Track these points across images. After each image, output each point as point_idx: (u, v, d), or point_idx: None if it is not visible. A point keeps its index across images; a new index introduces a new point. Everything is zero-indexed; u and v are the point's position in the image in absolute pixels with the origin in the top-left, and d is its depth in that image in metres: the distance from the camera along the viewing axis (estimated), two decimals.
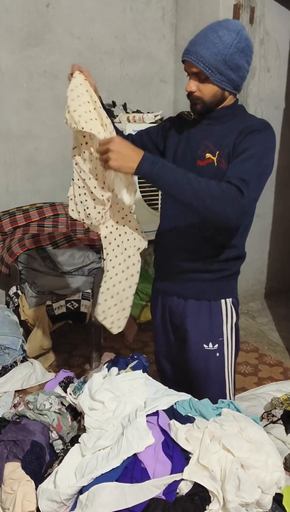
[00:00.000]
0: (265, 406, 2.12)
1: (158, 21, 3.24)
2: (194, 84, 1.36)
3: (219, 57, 1.30)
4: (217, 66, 1.31)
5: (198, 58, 1.31)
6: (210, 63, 1.31)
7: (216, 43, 1.29)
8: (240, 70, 1.35)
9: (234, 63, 1.32)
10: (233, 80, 1.36)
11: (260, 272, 3.72)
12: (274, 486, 1.12)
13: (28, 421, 1.44)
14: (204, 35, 1.31)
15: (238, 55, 1.32)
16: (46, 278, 2.48)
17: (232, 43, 1.30)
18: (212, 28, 1.32)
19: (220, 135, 1.41)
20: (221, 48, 1.29)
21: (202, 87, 1.36)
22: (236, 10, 2.88)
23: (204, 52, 1.30)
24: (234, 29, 1.31)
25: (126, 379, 1.48)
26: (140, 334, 3.02)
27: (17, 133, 2.94)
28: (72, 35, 2.95)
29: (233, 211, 1.25)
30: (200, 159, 1.43)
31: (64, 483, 1.19)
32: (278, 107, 3.34)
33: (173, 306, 1.61)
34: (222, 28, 1.30)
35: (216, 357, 1.56)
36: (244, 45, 1.32)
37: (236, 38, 1.30)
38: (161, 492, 1.10)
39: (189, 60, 1.33)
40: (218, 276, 1.53)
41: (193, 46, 1.33)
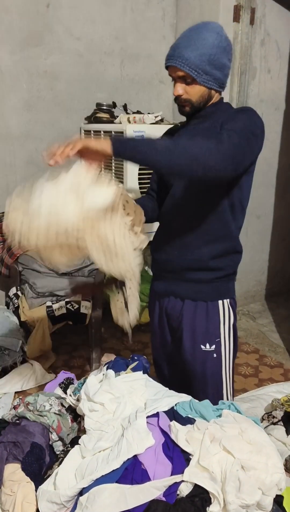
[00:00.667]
0: (265, 407, 2.12)
1: (158, 22, 3.24)
2: (181, 87, 1.38)
3: (204, 58, 1.32)
4: (203, 67, 1.33)
5: (183, 61, 1.33)
6: (196, 65, 1.33)
7: (199, 44, 1.31)
8: (224, 68, 1.38)
9: (218, 62, 1.35)
10: (219, 78, 1.38)
11: (261, 273, 3.71)
12: (274, 488, 1.11)
13: (28, 423, 1.43)
14: (187, 38, 1.33)
15: (221, 54, 1.34)
16: (46, 279, 2.48)
17: (215, 43, 1.32)
18: (193, 30, 1.34)
19: (207, 130, 1.43)
20: (205, 49, 1.31)
21: (189, 89, 1.38)
22: (237, 11, 2.88)
23: (189, 55, 1.32)
24: (214, 30, 1.33)
25: (126, 380, 1.48)
26: (140, 335, 3.02)
27: (17, 133, 2.94)
28: (72, 36, 2.95)
29: (223, 150, 1.21)
30: None
31: (64, 485, 1.18)
32: (278, 108, 3.34)
33: (170, 307, 1.61)
34: (203, 30, 1.33)
35: (213, 358, 1.56)
36: (225, 44, 1.35)
37: (217, 38, 1.33)
38: (162, 493, 1.09)
39: (174, 65, 1.34)
40: (216, 276, 1.53)
41: (176, 50, 1.34)
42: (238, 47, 2.94)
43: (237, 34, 2.92)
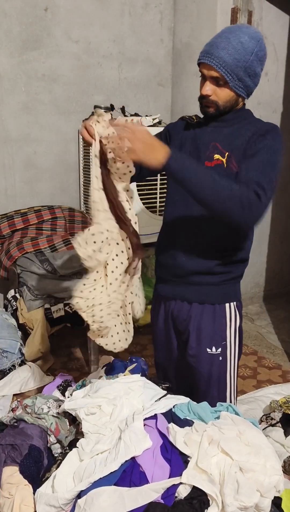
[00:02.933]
0: (264, 409, 2.12)
1: (156, 25, 3.25)
2: (211, 87, 1.36)
3: (241, 64, 1.30)
4: (238, 72, 1.32)
5: (220, 62, 1.30)
6: (231, 69, 1.31)
7: (238, 49, 1.29)
8: (256, 77, 1.37)
9: (252, 70, 1.33)
10: (249, 86, 1.37)
11: (259, 275, 3.72)
12: (273, 490, 1.11)
13: (26, 425, 1.43)
14: (226, 39, 1.30)
15: (257, 63, 1.33)
16: (44, 281, 2.48)
17: (253, 51, 1.30)
18: (233, 32, 1.31)
19: (229, 136, 1.42)
20: (244, 55, 1.30)
21: (219, 91, 1.36)
22: (234, 14, 2.89)
23: (227, 57, 1.29)
24: (255, 37, 1.31)
25: (124, 381, 1.48)
26: (138, 337, 3.02)
27: (15, 136, 2.95)
28: (70, 39, 2.96)
29: (251, 214, 1.28)
30: (208, 160, 1.43)
31: (62, 488, 1.18)
32: (276, 110, 3.36)
33: (176, 310, 1.59)
34: (244, 34, 1.30)
35: (219, 361, 1.56)
36: (263, 53, 1.34)
37: (257, 46, 1.31)
38: (160, 496, 1.09)
39: (210, 64, 1.32)
40: (223, 279, 1.53)
41: (214, 49, 1.31)
42: None
43: None
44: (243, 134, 1.40)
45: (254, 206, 1.26)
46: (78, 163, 3.17)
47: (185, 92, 3.30)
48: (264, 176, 1.29)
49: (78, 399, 1.44)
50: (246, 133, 1.40)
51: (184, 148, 1.50)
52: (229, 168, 1.39)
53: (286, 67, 3.32)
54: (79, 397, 1.45)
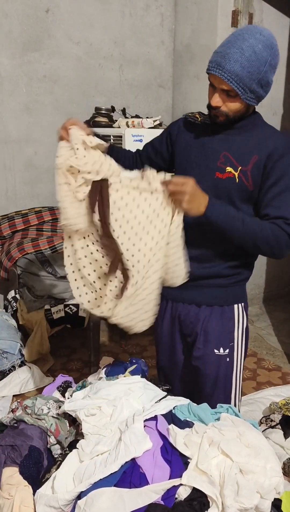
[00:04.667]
0: (263, 410, 2.13)
1: (157, 27, 3.26)
2: (221, 99, 1.31)
3: (255, 76, 1.25)
4: (250, 85, 1.26)
5: (232, 76, 1.25)
6: (244, 83, 1.26)
7: (252, 61, 1.23)
8: (269, 86, 1.32)
9: (265, 81, 1.28)
10: (261, 96, 1.33)
11: (259, 276, 3.72)
12: (273, 491, 1.11)
13: (26, 426, 1.43)
14: (240, 50, 1.23)
15: (270, 72, 1.28)
16: (44, 282, 2.48)
17: (267, 60, 1.25)
18: (247, 40, 1.23)
19: (242, 148, 1.38)
20: (257, 66, 1.24)
21: (229, 103, 1.32)
22: (235, 16, 2.89)
23: (240, 71, 1.23)
24: (269, 45, 1.25)
25: (124, 382, 1.48)
26: (138, 338, 3.02)
27: (16, 137, 2.95)
28: (71, 40, 2.97)
29: (283, 253, 1.37)
30: (220, 171, 1.39)
31: (62, 489, 1.18)
32: (276, 113, 3.36)
33: (184, 313, 1.58)
34: (258, 42, 1.23)
35: (226, 362, 1.55)
36: (276, 61, 1.28)
37: (271, 55, 1.25)
38: (160, 497, 1.09)
39: (221, 77, 1.26)
40: (232, 281, 1.53)
41: (226, 61, 1.24)
42: None
43: None
44: (259, 148, 1.36)
45: (285, 246, 1.34)
46: None
47: (185, 94, 3.30)
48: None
49: (78, 400, 1.44)
50: (262, 147, 1.35)
51: (191, 152, 1.46)
52: (242, 184, 1.37)
53: (287, 69, 3.33)
54: (79, 398, 1.46)
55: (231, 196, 1.39)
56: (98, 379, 1.60)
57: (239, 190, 1.37)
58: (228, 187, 1.38)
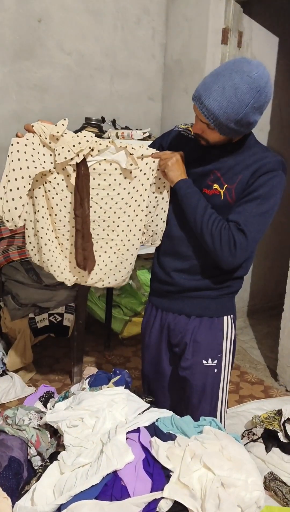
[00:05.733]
0: (245, 424, 2.13)
1: (148, 41, 3.30)
2: (201, 127, 1.32)
3: (232, 117, 1.24)
4: (227, 124, 1.26)
5: (209, 113, 1.25)
6: (220, 122, 1.25)
7: (232, 102, 1.21)
8: (251, 125, 1.30)
9: (246, 121, 1.26)
10: (242, 132, 1.32)
11: (243, 290, 3.75)
12: (253, 505, 1.11)
13: (6, 436, 1.41)
14: (221, 88, 1.21)
15: (252, 114, 1.25)
16: (29, 291, 2.46)
17: (248, 104, 1.21)
18: (232, 79, 1.20)
19: (232, 168, 1.40)
20: (236, 108, 1.22)
21: (208, 132, 1.33)
22: (225, 34, 2.95)
23: (217, 110, 1.23)
24: (255, 87, 1.20)
25: (107, 393, 1.47)
26: (122, 349, 3.01)
27: (5, 145, 2.93)
28: (63, 51, 2.99)
29: (225, 259, 1.39)
30: (207, 188, 1.43)
31: (42, 501, 1.16)
32: (263, 129, 3.42)
33: (173, 324, 1.58)
34: (243, 83, 1.19)
35: (214, 373, 1.56)
36: (261, 103, 1.24)
37: (255, 97, 1.21)
38: (141, 510, 1.09)
39: (199, 110, 1.27)
40: (222, 293, 1.55)
41: (207, 96, 1.23)
42: None
43: (225, 56, 2.99)
44: (246, 167, 1.38)
45: (226, 244, 1.36)
46: None
47: (175, 107, 3.34)
48: (250, 220, 1.35)
49: (60, 411, 1.43)
50: (250, 167, 1.37)
51: (188, 166, 1.46)
52: (226, 201, 1.40)
53: (274, 87, 3.40)
54: (61, 409, 1.44)
55: (215, 211, 1.42)
56: (82, 390, 1.59)
57: (223, 206, 1.41)
58: (213, 203, 1.41)
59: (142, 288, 2.99)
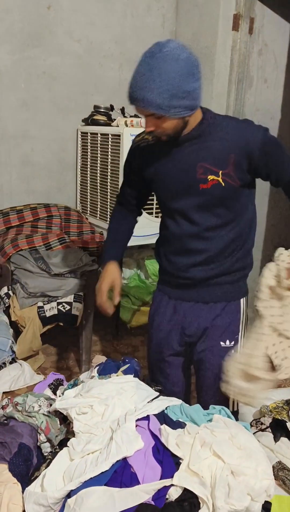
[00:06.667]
0: (253, 413, 2.12)
1: (158, 28, 3.26)
2: (152, 123, 1.31)
3: (166, 95, 1.22)
4: (168, 103, 1.24)
5: (145, 103, 1.24)
6: (158, 104, 1.23)
7: (158, 81, 1.20)
8: (192, 94, 1.26)
9: (183, 92, 1.24)
10: (189, 105, 1.28)
11: (252, 280, 3.72)
12: (263, 494, 1.11)
13: (16, 423, 1.42)
14: (143, 76, 1.22)
15: (185, 82, 1.23)
16: (38, 279, 2.46)
17: (173, 74, 1.21)
18: (148, 64, 1.22)
19: (215, 154, 1.38)
20: (165, 85, 1.21)
21: (161, 124, 1.31)
22: (236, 20, 2.91)
23: (150, 96, 1.22)
24: (170, 58, 1.21)
25: (116, 381, 1.47)
26: (130, 338, 3.02)
27: (13, 133, 2.93)
28: (72, 38, 2.96)
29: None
30: (203, 182, 1.40)
31: (52, 487, 1.17)
32: (274, 117, 3.38)
33: (190, 312, 1.59)
34: (158, 61, 1.21)
35: (231, 354, 1.58)
36: (186, 68, 1.23)
37: (176, 66, 1.21)
38: (151, 497, 1.09)
39: (138, 106, 1.28)
40: (239, 276, 1.57)
41: (136, 91, 1.25)
42: (236, 56, 2.97)
43: (236, 43, 2.95)
44: (231, 147, 1.36)
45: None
46: (75, 162, 3.17)
47: None
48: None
49: (70, 398, 1.43)
50: (235, 145, 1.36)
51: (168, 171, 1.45)
52: (227, 185, 1.39)
53: (286, 74, 3.34)
54: (70, 396, 1.45)
55: (218, 199, 1.41)
56: (91, 378, 1.59)
57: (228, 192, 1.39)
58: (215, 194, 1.39)
59: (150, 277, 2.99)
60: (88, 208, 3.12)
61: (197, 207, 1.44)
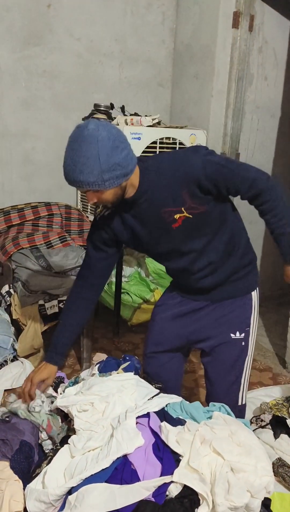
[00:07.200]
0: (254, 410, 2.13)
1: (158, 26, 3.26)
2: (94, 196, 1.35)
3: (96, 172, 1.27)
4: (100, 179, 1.28)
5: (80, 184, 1.30)
6: (92, 182, 1.29)
7: (86, 163, 1.26)
8: (121, 164, 1.30)
9: (112, 165, 1.28)
10: (121, 174, 1.32)
11: None
12: (263, 491, 1.12)
13: (18, 420, 1.43)
14: (72, 160, 1.28)
15: (110, 156, 1.27)
16: (39, 278, 2.47)
17: (98, 155, 1.26)
18: (75, 149, 1.27)
19: (168, 198, 1.40)
20: (92, 164, 1.26)
21: (101, 196, 1.35)
22: (236, 17, 2.90)
23: (82, 177, 1.28)
24: (91, 140, 1.25)
25: (117, 379, 1.48)
26: (131, 336, 3.02)
27: (14, 131, 2.94)
28: (72, 36, 2.96)
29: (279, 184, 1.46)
30: (173, 223, 1.43)
31: (53, 484, 1.18)
32: (274, 115, 3.37)
33: (199, 308, 1.63)
34: (83, 145, 1.26)
35: (241, 346, 1.61)
36: (108, 145, 1.27)
37: (98, 146, 1.25)
38: (151, 494, 1.10)
39: (74, 186, 1.34)
40: (247, 271, 1.60)
41: (69, 175, 1.31)
42: (236, 53, 2.97)
43: (236, 40, 2.95)
44: (176, 186, 1.39)
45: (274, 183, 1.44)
46: None
47: (184, 94, 3.31)
48: (245, 166, 1.45)
49: (71, 396, 1.44)
50: (177, 183, 1.38)
51: (140, 231, 1.49)
52: (196, 215, 1.41)
53: (286, 72, 3.34)
54: (71, 394, 1.45)
55: (197, 226, 1.44)
56: (91, 375, 1.60)
57: (199, 218, 1.43)
58: (189, 225, 1.43)
59: (151, 275, 3.00)
60: (88, 206, 3.12)
61: (181, 242, 1.48)
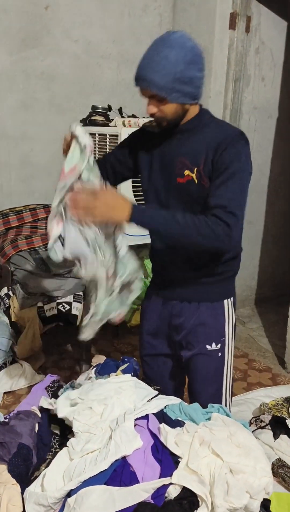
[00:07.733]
0: (253, 411, 2.13)
1: (155, 28, 3.26)
2: (154, 105, 1.36)
3: (169, 77, 1.28)
4: (169, 86, 1.29)
5: (149, 83, 1.30)
6: (161, 86, 1.29)
7: (163, 64, 1.27)
8: (194, 81, 1.33)
9: (186, 77, 1.30)
10: (190, 92, 1.33)
11: (251, 278, 3.74)
12: (262, 492, 1.12)
13: (16, 423, 1.42)
14: (150, 58, 1.30)
15: (188, 68, 1.29)
16: (38, 280, 2.47)
17: (178, 60, 1.27)
18: (156, 49, 1.29)
19: (194, 150, 1.41)
20: (169, 67, 1.27)
21: (162, 107, 1.35)
22: (233, 19, 2.91)
23: (154, 76, 1.28)
24: (176, 44, 1.28)
25: (115, 381, 1.48)
26: (130, 337, 3.02)
27: (12, 133, 2.94)
28: (69, 38, 2.97)
29: (224, 245, 1.34)
30: (180, 177, 1.43)
31: (52, 487, 1.17)
32: (271, 116, 3.38)
33: (176, 310, 1.60)
34: (165, 46, 1.28)
35: (218, 357, 1.58)
36: (191, 55, 1.29)
37: (181, 52, 1.28)
38: (150, 496, 1.09)
39: (142, 86, 1.33)
40: (221, 278, 1.56)
41: (142, 71, 1.31)
42: (233, 54, 2.98)
43: (233, 41, 2.96)
44: (208, 146, 1.38)
45: (225, 237, 1.30)
46: None
47: None
48: (232, 196, 1.33)
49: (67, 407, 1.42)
50: (210, 144, 1.38)
51: (153, 163, 1.49)
52: (200, 184, 1.40)
53: (283, 73, 3.35)
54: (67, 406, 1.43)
55: (194, 197, 1.42)
56: (88, 379, 1.59)
57: (199, 190, 1.41)
58: (189, 190, 1.42)
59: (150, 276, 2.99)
60: None
61: (177, 204, 1.46)
